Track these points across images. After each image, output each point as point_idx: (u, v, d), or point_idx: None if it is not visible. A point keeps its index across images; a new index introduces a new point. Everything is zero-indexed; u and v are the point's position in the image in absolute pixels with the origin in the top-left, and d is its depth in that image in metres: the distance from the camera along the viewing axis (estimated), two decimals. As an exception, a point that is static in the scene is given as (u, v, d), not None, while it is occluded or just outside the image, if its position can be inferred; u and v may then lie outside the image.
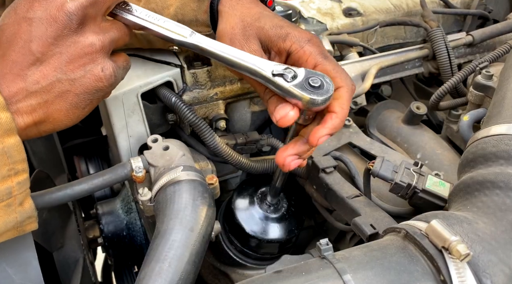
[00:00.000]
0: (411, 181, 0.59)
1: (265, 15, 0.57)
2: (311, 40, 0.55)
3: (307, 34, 0.55)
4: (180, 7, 0.60)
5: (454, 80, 0.77)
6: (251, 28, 0.55)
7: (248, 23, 0.56)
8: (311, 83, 0.48)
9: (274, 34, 0.55)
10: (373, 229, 0.57)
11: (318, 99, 0.47)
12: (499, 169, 0.45)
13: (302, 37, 0.54)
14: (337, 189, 0.66)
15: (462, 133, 0.69)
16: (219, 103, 0.72)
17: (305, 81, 0.48)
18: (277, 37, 0.55)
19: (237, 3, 0.58)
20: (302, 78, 0.48)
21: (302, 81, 0.48)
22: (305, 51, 0.54)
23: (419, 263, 0.40)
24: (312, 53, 0.54)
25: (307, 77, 0.48)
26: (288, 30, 0.55)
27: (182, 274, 0.52)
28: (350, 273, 0.39)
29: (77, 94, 0.47)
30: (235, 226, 0.71)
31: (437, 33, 0.84)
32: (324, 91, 0.48)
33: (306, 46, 0.54)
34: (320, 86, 0.48)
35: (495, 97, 0.56)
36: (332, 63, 0.54)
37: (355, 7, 0.90)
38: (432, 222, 0.40)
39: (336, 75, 0.53)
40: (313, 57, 0.54)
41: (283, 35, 0.55)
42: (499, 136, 0.48)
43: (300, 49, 0.54)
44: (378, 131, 0.84)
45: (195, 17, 0.60)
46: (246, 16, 0.56)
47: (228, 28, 0.56)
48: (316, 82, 0.48)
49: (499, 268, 0.38)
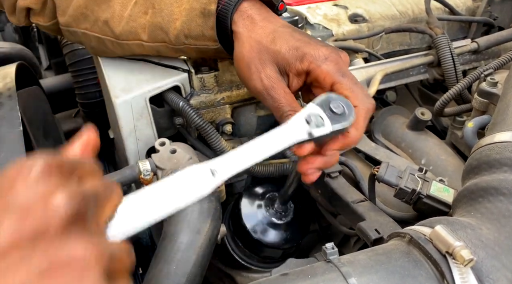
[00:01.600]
0: (416, 187, 0.60)
1: (280, 35, 0.56)
2: (329, 58, 0.54)
3: (324, 51, 0.55)
4: (186, 21, 0.60)
5: (459, 86, 0.78)
6: (268, 52, 0.55)
7: (264, 47, 0.56)
8: (333, 110, 0.46)
9: (291, 56, 0.55)
10: (378, 233, 0.57)
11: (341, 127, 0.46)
12: (503, 176, 0.46)
13: (319, 56, 0.54)
14: (342, 194, 0.66)
15: (467, 140, 0.70)
16: (226, 107, 0.73)
17: (326, 107, 0.45)
18: (294, 59, 0.55)
19: (251, 22, 0.58)
20: (324, 112, 0.45)
21: (327, 114, 0.45)
22: (322, 70, 0.54)
23: (423, 268, 0.41)
24: (330, 71, 0.53)
25: (327, 103, 0.46)
26: (305, 50, 0.55)
27: (189, 276, 0.53)
28: (355, 276, 0.40)
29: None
30: (241, 229, 0.72)
31: (442, 39, 0.84)
32: (346, 117, 0.46)
33: (323, 65, 0.54)
34: (341, 113, 0.46)
35: (500, 104, 0.56)
36: (349, 81, 0.53)
37: (361, 14, 0.91)
38: (437, 228, 0.41)
39: (352, 95, 0.52)
40: (330, 76, 0.53)
41: (300, 56, 0.54)
42: (503, 143, 0.49)
43: (318, 68, 0.54)
44: (383, 136, 0.84)
45: (201, 32, 0.60)
46: (262, 37, 0.56)
47: (245, 53, 0.57)
48: (337, 108, 0.46)
49: (502, 273, 0.39)
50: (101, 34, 0.67)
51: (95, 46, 0.70)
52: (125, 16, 0.64)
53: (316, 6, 0.90)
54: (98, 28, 0.66)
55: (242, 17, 0.58)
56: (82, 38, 0.70)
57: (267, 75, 0.55)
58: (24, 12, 0.73)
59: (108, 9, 0.64)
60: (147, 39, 0.64)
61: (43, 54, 1.68)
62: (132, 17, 0.63)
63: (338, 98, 0.46)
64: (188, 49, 0.64)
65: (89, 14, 0.66)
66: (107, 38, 0.66)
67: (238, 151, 0.40)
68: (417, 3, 0.94)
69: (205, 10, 0.59)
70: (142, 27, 0.63)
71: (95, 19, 0.66)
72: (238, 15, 0.58)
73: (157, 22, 0.62)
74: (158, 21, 0.62)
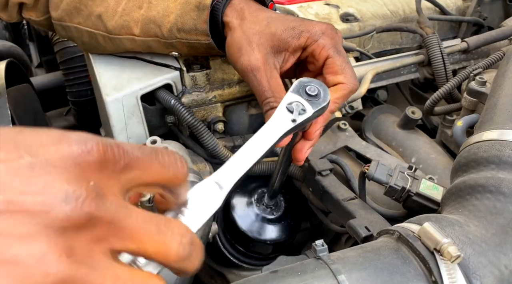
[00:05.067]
0: (405, 185, 0.61)
1: (274, 20, 0.58)
2: (325, 33, 0.56)
3: (320, 26, 0.57)
4: (180, 15, 0.61)
5: (448, 86, 0.79)
6: (261, 36, 0.56)
7: (257, 31, 0.57)
8: (309, 93, 0.46)
9: (287, 36, 0.56)
10: (368, 231, 0.58)
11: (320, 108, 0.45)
12: (490, 173, 0.47)
13: (316, 31, 0.56)
14: (333, 192, 0.67)
15: (456, 138, 0.71)
16: (218, 105, 0.73)
17: (303, 92, 0.45)
18: (291, 38, 0.56)
19: (242, 12, 0.59)
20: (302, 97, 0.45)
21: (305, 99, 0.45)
22: (318, 44, 0.56)
23: (412, 264, 0.41)
24: (326, 45, 0.56)
25: (303, 88, 0.46)
26: (302, 28, 0.56)
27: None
28: (345, 273, 0.40)
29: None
30: (232, 227, 0.72)
31: (433, 39, 0.85)
32: (323, 97, 0.46)
33: (320, 40, 0.56)
34: (317, 94, 0.46)
35: (488, 103, 0.57)
36: (341, 58, 0.56)
37: (353, 13, 0.92)
38: (425, 225, 0.42)
39: (342, 72, 0.55)
40: (326, 50, 0.55)
41: (297, 34, 0.56)
42: (490, 141, 0.49)
43: (314, 42, 0.56)
44: (374, 135, 0.85)
45: (194, 26, 0.60)
46: (255, 24, 0.57)
47: (236, 38, 0.58)
48: (313, 90, 0.46)
49: (488, 269, 0.40)
50: (93, 29, 0.66)
51: (87, 41, 0.69)
52: (118, 11, 0.64)
53: (308, 5, 0.91)
54: (91, 23, 0.66)
55: (235, 9, 0.59)
56: (74, 33, 0.69)
57: (255, 57, 0.55)
58: (16, 8, 0.73)
59: (102, 3, 0.65)
60: (139, 33, 0.64)
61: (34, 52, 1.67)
62: (125, 11, 0.64)
63: (311, 81, 0.47)
64: (179, 44, 0.64)
65: (83, 9, 0.66)
66: (99, 32, 0.66)
67: (237, 158, 0.40)
68: (408, 2, 0.95)
69: (200, 4, 0.60)
70: (135, 21, 0.64)
71: (88, 13, 0.66)
72: (230, 8, 0.59)
73: (152, 16, 0.63)
74: (152, 15, 0.63)
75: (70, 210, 0.23)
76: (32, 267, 0.22)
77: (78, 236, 0.24)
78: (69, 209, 0.23)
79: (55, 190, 0.23)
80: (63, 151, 0.24)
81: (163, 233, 0.26)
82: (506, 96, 0.54)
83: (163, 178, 0.28)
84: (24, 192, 0.22)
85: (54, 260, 0.22)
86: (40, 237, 0.22)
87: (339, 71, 0.54)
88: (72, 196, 0.23)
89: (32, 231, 0.22)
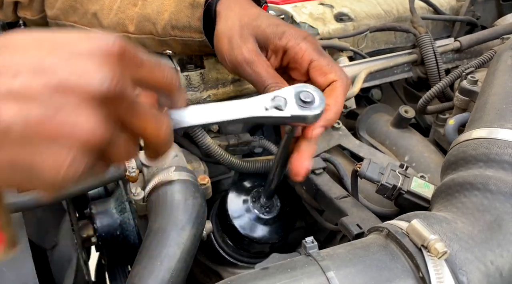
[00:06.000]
0: (397, 183, 0.61)
1: (262, 15, 0.59)
2: (307, 38, 0.57)
3: (303, 32, 0.58)
4: (174, 12, 0.62)
5: (441, 85, 0.79)
6: (248, 28, 0.57)
7: (246, 23, 0.57)
8: (303, 98, 0.46)
9: (270, 32, 0.57)
10: (360, 228, 0.58)
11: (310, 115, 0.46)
12: (478, 171, 0.47)
13: (298, 35, 0.57)
14: (326, 190, 0.67)
15: (448, 137, 0.71)
16: (212, 105, 0.73)
17: (297, 97, 0.46)
18: (273, 35, 0.57)
19: (235, 4, 0.60)
20: (293, 97, 0.46)
21: (295, 100, 0.46)
22: (301, 47, 0.56)
23: (400, 261, 0.42)
24: (308, 49, 0.56)
25: (298, 92, 0.46)
26: (285, 28, 0.57)
27: (173, 272, 0.53)
28: (334, 270, 0.41)
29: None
30: (227, 225, 0.72)
31: (426, 38, 0.86)
32: (317, 106, 0.46)
33: (302, 43, 0.56)
34: (311, 101, 0.46)
35: (478, 102, 0.58)
36: (326, 59, 0.56)
37: (347, 13, 0.92)
38: (413, 222, 0.42)
39: (331, 71, 0.55)
40: (309, 53, 0.56)
41: (280, 33, 0.57)
42: (479, 139, 0.50)
43: (296, 45, 0.56)
44: (368, 134, 0.86)
45: (188, 23, 0.61)
46: (244, 16, 0.58)
47: (226, 29, 0.58)
48: (307, 97, 0.46)
49: (474, 265, 0.40)
50: (89, 27, 0.67)
51: None
52: (114, 8, 0.65)
53: (302, 5, 0.91)
54: (86, 21, 0.67)
55: (227, 1, 0.60)
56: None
57: (248, 48, 0.56)
58: (11, 7, 0.74)
59: (97, 1, 0.65)
60: (134, 30, 0.65)
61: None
62: (121, 9, 0.64)
63: (305, 86, 0.47)
64: (173, 42, 0.64)
65: (79, 7, 0.67)
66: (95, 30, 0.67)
67: (203, 109, 0.43)
68: (402, 2, 0.96)
69: (194, 1, 0.60)
70: (130, 18, 0.64)
71: (84, 11, 0.67)
72: (223, 1, 0.60)
73: (146, 14, 0.63)
74: (147, 12, 0.63)
75: (106, 87, 0.30)
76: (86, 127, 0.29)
77: (110, 108, 0.31)
78: (105, 87, 0.30)
79: (93, 72, 0.30)
80: (92, 44, 0.31)
81: (160, 119, 0.35)
82: (495, 95, 0.55)
83: (163, 82, 0.36)
84: (70, 73, 0.29)
85: (101, 121, 0.30)
86: (87, 107, 0.29)
87: (327, 70, 0.55)
88: (107, 77, 0.30)
89: (80, 102, 0.29)
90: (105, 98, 0.30)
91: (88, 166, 0.30)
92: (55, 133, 0.28)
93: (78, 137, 0.29)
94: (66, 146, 0.28)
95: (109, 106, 0.30)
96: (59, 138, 0.28)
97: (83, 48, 0.30)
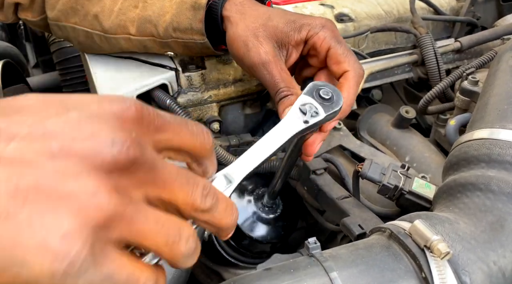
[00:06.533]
0: (398, 183, 0.61)
1: (274, 14, 0.59)
2: (325, 26, 0.58)
3: (320, 20, 0.58)
4: (175, 15, 0.62)
5: (441, 85, 0.79)
6: (264, 29, 0.57)
7: (260, 24, 0.58)
8: (323, 96, 0.46)
9: (289, 30, 0.57)
10: (361, 229, 0.58)
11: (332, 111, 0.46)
12: (480, 172, 0.47)
13: (317, 24, 0.58)
14: (327, 190, 0.68)
15: (449, 137, 0.71)
16: (213, 105, 0.73)
17: (317, 98, 0.46)
18: (293, 31, 0.57)
19: (243, 7, 0.60)
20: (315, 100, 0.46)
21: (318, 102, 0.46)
22: (319, 36, 0.57)
23: (402, 261, 0.42)
24: (326, 37, 0.57)
25: (317, 90, 0.46)
26: (302, 21, 0.58)
27: (175, 272, 0.53)
28: (337, 270, 0.41)
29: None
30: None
31: (426, 39, 0.86)
32: (336, 101, 0.47)
33: (320, 32, 0.57)
34: (330, 98, 0.46)
35: (479, 102, 0.58)
36: (343, 47, 0.57)
37: (347, 13, 0.92)
38: (415, 222, 0.42)
39: (345, 60, 0.56)
40: (327, 42, 0.57)
41: (298, 27, 0.57)
42: (481, 140, 0.50)
43: (315, 35, 0.57)
44: (369, 134, 0.86)
45: (190, 25, 0.61)
46: (256, 18, 0.58)
47: (240, 32, 0.58)
48: (326, 94, 0.46)
49: (477, 266, 0.40)
50: (90, 29, 0.67)
51: (83, 41, 0.70)
52: (115, 10, 0.64)
53: (303, 5, 0.91)
54: (87, 22, 0.67)
55: (234, 4, 0.60)
56: (70, 33, 0.70)
57: (265, 50, 0.56)
58: (12, 8, 0.73)
59: (98, 3, 0.65)
60: (135, 32, 0.65)
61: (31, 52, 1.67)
62: (122, 11, 0.64)
63: (324, 85, 0.47)
64: (175, 44, 0.64)
65: (79, 8, 0.66)
66: (96, 32, 0.67)
67: (247, 154, 0.41)
68: (402, 3, 0.96)
69: (195, 3, 0.60)
70: (131, 20, 0.64)
71: (85, 13, 0.66)
72: (230, 3, 0.60)
73: (147, 15, 0.63)
74: (148, 14, 0.63)
75: (117, 153, 0.25)
76: (86, 201, 0.24)
77: (121, 179, 0.26)
78: (116, 152, 0.25)
79: (102, 136, 0.25)
80: (104, 107, 0.27)
81: (191, 185, 0.29)
82: (496, 95, 0.55)
83: (191, 145, 0.30)
84: (74, 138, 0.25)
85: (106, 196, 0.24)
86: (91, 176, 0.25)
87: (342, 59, 0.55)
88: (118, 142, 0.25)
89: (84, 170, 0.24)
90: (116, 166, 0.25)
91: (98, 254, 0.24)
92: (45, 201, 0.23)
93: (77, 211, 0.23)
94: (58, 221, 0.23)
95: (124, 175, 0.26)
96: (51, 209, 0.23)
97: (94, 110, 0.26)
